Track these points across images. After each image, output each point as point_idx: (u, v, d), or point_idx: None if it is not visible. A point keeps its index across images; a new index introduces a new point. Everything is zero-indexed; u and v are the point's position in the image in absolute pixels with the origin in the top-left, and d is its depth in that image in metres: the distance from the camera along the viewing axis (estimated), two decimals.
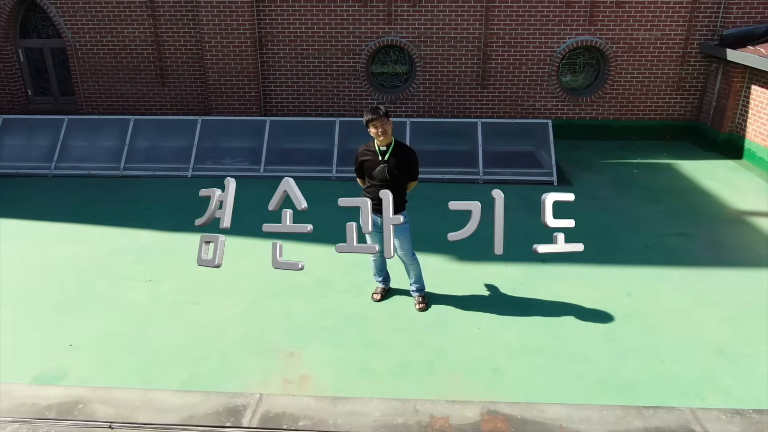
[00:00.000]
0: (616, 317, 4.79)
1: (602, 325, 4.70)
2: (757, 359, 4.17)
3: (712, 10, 9.22)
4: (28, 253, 6.06)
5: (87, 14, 9.81)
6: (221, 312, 4.86)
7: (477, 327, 4.66)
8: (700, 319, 4.76)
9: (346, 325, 4.68)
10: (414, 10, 9.48)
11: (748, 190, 7.84)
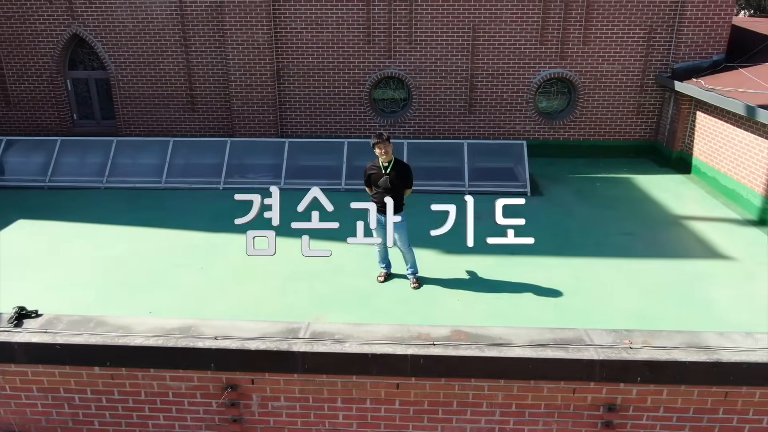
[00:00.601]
0: (565, 294, 6.28)
1: (554, 299, 6.19)
2: (664, 320, 5.66)
3: (665, 47, 10.86)
4: (94, 249, 7.54)
5: (128, 50, 11.42)
6: (261, 291, 6.33)
7: (458, 300, 6.15)
8: (629, 295, 6.25)
9: (358, 298, 6.17)
10: (410, 47, 11.10)
11: (690, 199, 9.39)
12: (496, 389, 3.99)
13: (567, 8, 10.73)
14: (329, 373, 4.02)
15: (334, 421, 4.16)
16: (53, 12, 11.28)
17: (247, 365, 4.04)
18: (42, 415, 4.33)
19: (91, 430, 4.34)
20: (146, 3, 11.09)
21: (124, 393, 4.21)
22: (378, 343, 3.98)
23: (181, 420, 4.25)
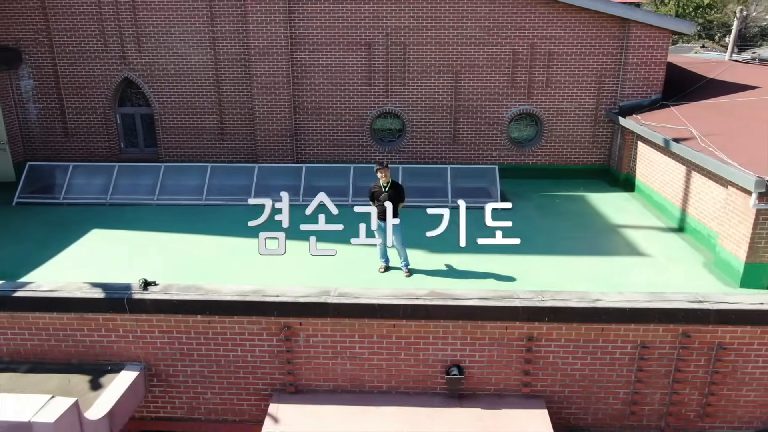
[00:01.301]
0: (517, 278, 8.57)
1: (507, 282, 8.48)
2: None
3: (613, 88, 13.35)
4: (157, 252, 9.82)
5: (170, 90, 13.86)
6: (297, 274, 8.56)
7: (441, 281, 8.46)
8: (558, 278, 8.54)
9: (365, 282, 8.44)
10: (404, 88, 13.56)
11: (629, 212, 11.77)
12: (456, 327, 6.28)
13: (532, 57, 13.23)
14: (350, 317, 6.31)
15: (353, 349, 6.44)
16: (109, 59, 13.74)
17: (297, 313, 6.33)
18: (159, 349, 6.60)
19: (192, 359, 6.60)
20: (186, 52, 13.55)
21: (215, 333, 6.49)
22: (381, 298, 6.29)
23: (253, 351, 6.52)
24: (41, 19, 13.56)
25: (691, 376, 6.33)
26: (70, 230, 10.81)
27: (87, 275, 8.06)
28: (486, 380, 6.42)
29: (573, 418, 6.54)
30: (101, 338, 6.52)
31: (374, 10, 13.04)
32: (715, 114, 11.51)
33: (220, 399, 6.71)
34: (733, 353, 6.23)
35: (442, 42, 13.19)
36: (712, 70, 14.96)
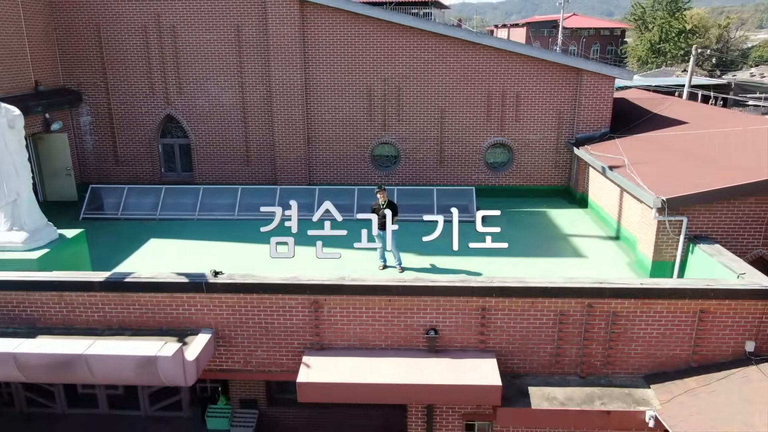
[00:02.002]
0: (483, 272, 11.43)
1: (475, 276, 11.34)
2: None
3: (570, 123, 16.36)
4: (203, 255, 12.68)
5: (204, 125, 16.83)
6: (316, 269, 11.44)
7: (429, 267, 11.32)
8: (527, 274, 11.41)
9: (367, 275, 11.31)
10: (399, 122, 16.56)
11: (581, 224, 14.68)
12: (433, 302, 9.13)
13: (504, 98, 16.26)
14: (358, 294, 9.16)
15: (360, 318, 9.28)
16: (154, 100, 16.73)
17: (322, 292, 9.18)
18: (225, 319, 9.42)
19: (248, 326, 9.43)
20: (219, 94, 16.56)
21: (264, 307, 9.32)
22: (380, 281, 9.16)
23: (291, 320, 9.35)
24: (99, 66, 16.57)
25: (596, 335, 9.17)
26: (132, 239, 13.70)
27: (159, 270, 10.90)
28: (453, 339, 9.26)
29: (515, 367, 9.37)
30: (184, 311, 9.35)
31: (374, 60, 16.08)
32: (646, 145, 14.51)
33: (267, 355, 9.53)
34: (623, 319, 9.08)
35: (430, 85, 16.23)
36: (656, 107, 18.04)
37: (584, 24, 77.39)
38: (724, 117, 16.17)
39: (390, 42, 16.02)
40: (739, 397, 8.52)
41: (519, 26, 76.20)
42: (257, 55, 16.24)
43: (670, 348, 9.23)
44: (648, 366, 9.36)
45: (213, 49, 16.30)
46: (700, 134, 14.26)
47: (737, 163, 11.88)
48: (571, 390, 9.20)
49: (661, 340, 9.20)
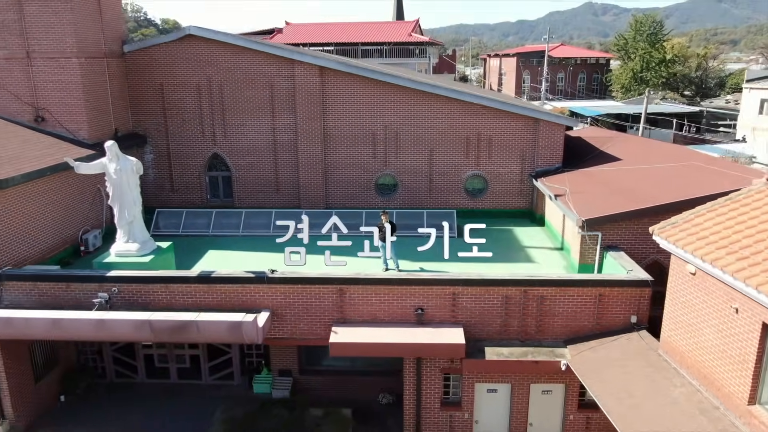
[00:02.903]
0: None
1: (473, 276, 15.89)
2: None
3: (531, 159, 21.02)
4: (250, 261, 17.19)
5: (243, 160, 21.48)
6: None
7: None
8: (492, 272, 15.96)
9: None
10: (397, 159, 21.23)
11: (538, 239, 19.26)
12: (420, 290, 13.70)
13: (479, 140, 20.95)
14: (370, 284, 13.72)
15: (370, 301, 13.81)
16: (204, 141, 21.41)
17: (345, 283, 13.74)
18: (278, 302, 13.95)
19: (294, 307, 13.94)
20: (255, 137, 21.24)
21: (306, 293, 13.86)
22: (385, 275, 13.72)
23: (323, 302, 13.89)
24: (161, 115, 21.29)
25: (530, 312, 13.70)
26: (195, 251, 18.27)
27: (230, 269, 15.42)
28: (434, 315, 13.78)
29: (476, 334, 13.86)
30: (251, 296, 13.86)
31: (376, 111, 20.83)
32: (585, 177, 19.17)
33: (307, 327, 14.03)
34: (548, 300, 13.61)
35: (421, 130, 20.95)
36: (603, 144, 22.75)
37: (571, 54, 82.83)
38: (656, 153, 20.85)
39: (388, 97, 20.76)
40: (621, 352, 13.05)
41: (510, 56, 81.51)
42: (286, 108, 20.95)
43: (580, 321, 13.79)
44: (565, 333, 13.90)
45: (251, 102, 21.02)
46: (626, 169, 18.94)
47: (644, 193, 16.48)
48: (514, 349, 13.75)
49: (574, 316, 13.76)
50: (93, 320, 12.88)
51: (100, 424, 15.94)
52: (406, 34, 52.73)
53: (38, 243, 16.15)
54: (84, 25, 18.46)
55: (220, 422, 15.45)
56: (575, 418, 14.55)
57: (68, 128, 18.64)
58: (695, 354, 11.46)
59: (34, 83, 18.38)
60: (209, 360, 17.68)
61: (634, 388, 11.69)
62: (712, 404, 10.79)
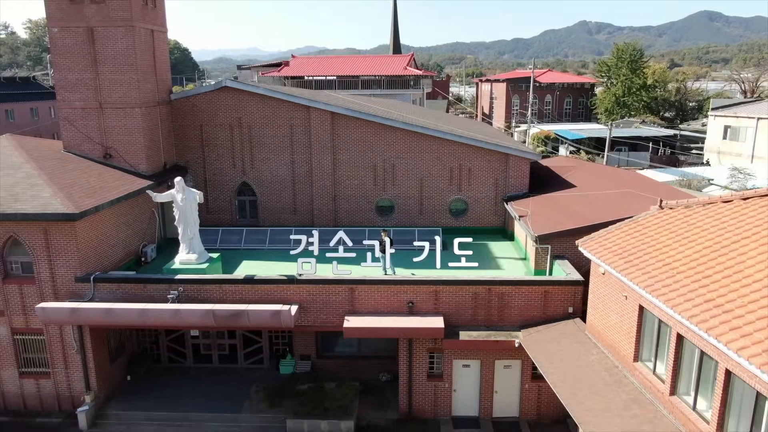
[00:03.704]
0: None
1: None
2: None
3: (503, 186, 25.87)
4: (275, 269, 21.90)
5: (267, 188, 26.29)
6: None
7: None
8: (464, 275, 20.71)
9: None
10: (393, 186, 26.07)
11: (507, 251, 24.05)
12: (411, 288, 18.43)
13: (461, 171, 25.81)
14: (374, 285, 18.45)
15: (374, 296, 18.52)
16: (234, 171, 26.25)
17: (355, 283, 18.47)
18: (304, 297, 18.64)
19: (316, 301, 18.62)
20: (277, 168, 26.07)
21: (326, 291, 18.57)
22: (384, 278, 18.47)
23: (339, 298, 18.59)
24: (200, 150, 26.15)
25: (493, 305, 18.41)
26: (233, 261, 22.98)
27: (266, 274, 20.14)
28: (421, 307, 18.49)
29: (453, 321, 18.54)
30: (284, 294, 18.56)
31: (376, 147, 25.73)
32: (545, 201, 24.00)
33: (326, 317, 18.71)
34: (507, 296, 18.34)
35: (414, 163, 25.83)
36: (565, 172, 27.64)
37: (558, 79, 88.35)
38: (605, 180, 25.68)
39: (386, 136, 25.65)
40: (558, 333, 17.77)
41: (500, 81, 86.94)
42: (303, 144, 25.81)
43: (530, 311, 18.52)
44: (520, 320, 18.61)
45: (274, 140, 25.89)
46: (577, 195, 23.80)
47: (585, 215, 21.25)
48: (480, 332, 18.46)
49: (526, 307, 18.50)
50: (170, 310, 17.58)
51: (159, 397, 20.55)
52: (402, 68, 57.99)
53: (113, 255, 20.85)
54: (144, 81, 23.34)
55: (258, 390, 20.10)
56: (529, 387, 19.23)
57: (130, 163, 23.43)
58: (606, 331, 16.20)
59: (104, 127, 23.20)
60: (244, 348, 22.35)
61: (564, 357, 16.41)
62: (613, 364, 15.51)
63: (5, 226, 18.59)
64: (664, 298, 12.78)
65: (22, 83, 64.10)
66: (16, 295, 19.27)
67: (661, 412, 13.35)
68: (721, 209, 15.39)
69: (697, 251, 13.87)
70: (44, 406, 20.29)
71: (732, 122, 53.26)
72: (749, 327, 10.77)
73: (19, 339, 19.82)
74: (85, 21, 22.22)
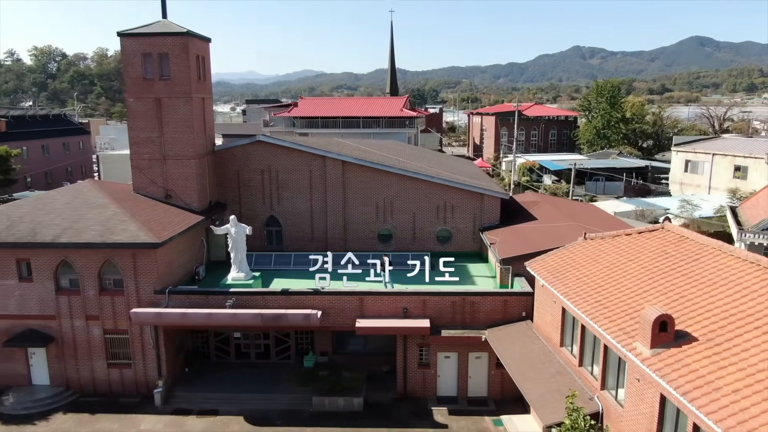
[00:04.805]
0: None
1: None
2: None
3: (479, 218, 32.64)
4: (299, 285, 28.48)
5: (290, 219, 32.99)
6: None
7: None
8: (446, 288, 27.34)
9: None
10: (392, 218, 32.82)
11: (481, 271, 30.71)
12: (405, 298, 25.02)
13: (445, 206, 32.58)
14: (377, 295, 25.06)
15: (378, 304, 25.08)
16: (264, 207, 32.99)
17: (364, 294, 25.07)
18: (325, 305, 25.22)
19: (335, 308, 25.18)
20: (298, 203, 32.80)
21: (341, 300, 25.12)
22: (385, 290, 25.08)
23: (351, 305, 25.15)
24: (236, 190, 32.93)
25: (466, 310, 24.96)
26: (266, 279, 29.52)
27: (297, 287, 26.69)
28: (413, 312, 25.05)
29: (437, 322, 25.06)
30: (311, 302, 25.09)
31: (378, 188, 32.56)
32: (511, 231, 30.74)
33: (342, 320, 25.19)
34: (476, 304, 24.91)
35: (408, 200, 32.66)
36: (531, 207, 34.47)
37: (544, 113, 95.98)
38: (562, 213, 32.38)
39: (386, 179, 32.46)
40: (514, 331, 24.37)
41: (489, 115, 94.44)
42: (319, 185, 32.56)
43: (494, 315, 25.11)
44: (486, 322, 25.20)
45: (296, 181, 32.65)
46: (536, 226, 30.52)
47: (539, 242, 27.90)
48: (457, 330, 25.03)
49: (491, 312, 25.10)
50: (229, 314, 24.12)
51: (212, 383, 27.00)
52: (398, 110, 65.21)
53: (177, 274, 27.42)
54: (197, 138, 30.14)
55: (289, 378, 26.56)
56: (494, 373, 25.71)
57: (185, 201, 30.11)
58: (544, 327, 22.77)
59: (165, 174, 29.93)
60: (276, 346, 28.83)
61: (516, 347, 22.96)
62: (548, 349, 22.06)
63: (104, 252, 25.20)
64: (573, 302, 19.44)
65: (54, 120, 71.10)
66: (108, 304, 25.80)
67: (573, 378, 19.90)
68: (622, 240, 22.15)
69: (598, 269, 20.60)
70: (125, 389, 26.67)
71: (691, 157, 60.43)
72: (616, 317, 17.44)
73: (108, 338, 26.29)
74: (154, 93, 29.09)
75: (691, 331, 15.34)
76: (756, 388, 12.73)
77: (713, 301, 16.31)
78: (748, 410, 12.21)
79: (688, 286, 17.47)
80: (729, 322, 15.19)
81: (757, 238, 35.81)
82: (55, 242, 24.98)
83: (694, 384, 13.55)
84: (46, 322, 26.08)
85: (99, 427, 24.20)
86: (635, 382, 15.90)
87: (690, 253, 19.30)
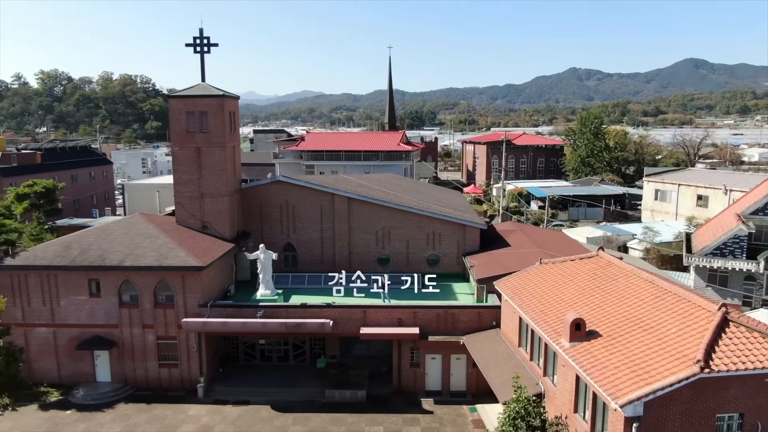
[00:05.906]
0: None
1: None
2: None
3: (462, 245, 39.32)
4: (315, 301, 35.10)
5: (305, 246, 39.68)
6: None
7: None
8: (433, 303, 33.93)
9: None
10: (389, 245, 39.51)
11: (465, 289, 37.37)
12: (399, 310, 31.62)
13: (434, 234, 39.35)
14: (377, 308, 31.66)
15: (378, 315, 31.65)
16: (282, 235, 39.72)
17: (366, 307, 31.68)
18: (334, 316, 31.79)
19: (343, 319, 31.75)
20: (311, 231, 39.50)
21: (349, 312, 31.71)
22: (383, 304, 31.71)
23: (356, 317, 31.72)
24: (259, 220, 39.73)
25: (448, 320, 31.51)
26: (286, 295, 36.11)
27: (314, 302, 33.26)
28: (406, 321, 31.57)
29: (425, 330, 31.54)
30: (323, 313, 31.62)
31: (378, 219, 39.38)
32: (488, 256, 37.47)
33: (349, 328, 31.71)
34: (457, 316, 31.44)
35: (402, 229, 39.45)
36: (507, 235, 41.27)
37: (532, 142, 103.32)
38: (532, 241, 39.04)
39: (384, 212, 39.22)
40: (486, 337, 30.97)
41: (481, 144, 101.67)
42: (328, 217, 39.28)
43: (471, 324, 31.70)
44: (464, 330, 31.78)
45: (309, 214, 39.39)
46: (509, 252, 37.21)
47: (508, 265, 34.49)
48: (441, 336, 31.62)
49: (467, 322, 31.71)
50: (260, 322, 30.68)
51: (242, 380, 33.46)
52: (395, 144, 72.35)
53: (214, 291, 34.00)
54: (229, 179, 36.93)
55: (306, 374, 33.06)
56: (471, 371, 32.18)
57: (219, 231, 36.80)
58: (508, 333, 29.35)
59: (203, 209, 36.65)
60: (293, 351, 35.35)
61: (486, 349, 29.50)
62: (510, 350, 28.61)
63: (159, 273, 31.82)
64: (525, 312, 26.08)
65: (81, 151, 78.08)
66: (161, 315, 32.34)
67: (527, 370, 26.43)
68: (567, 264, 28.86)
69: (545, 287, 27.28)
70: (173, 385, 33.08)
71: (660, 186, 67.41)
72: (552, 321, 24.07)
73: (160, 342, 32.76)
74: (195, 143, 35.97)
75: (598, 330, 21.96)
76: (630, 365, 19.32)
77: (618, 309, 22.96)
78: (620, 378, 18.80)
79: (604, 299, 24.13)
80: (624, 323, 21.82)
81: (700, 261, 42.89)
82: (121, 266, 31.62)
83: (592, 365, 20.15)
84: (110, 330, 32.61)
85: (155, 413, 30.60)
86: (561, 367, 22.48)
87: (611, 275, 25.99)
